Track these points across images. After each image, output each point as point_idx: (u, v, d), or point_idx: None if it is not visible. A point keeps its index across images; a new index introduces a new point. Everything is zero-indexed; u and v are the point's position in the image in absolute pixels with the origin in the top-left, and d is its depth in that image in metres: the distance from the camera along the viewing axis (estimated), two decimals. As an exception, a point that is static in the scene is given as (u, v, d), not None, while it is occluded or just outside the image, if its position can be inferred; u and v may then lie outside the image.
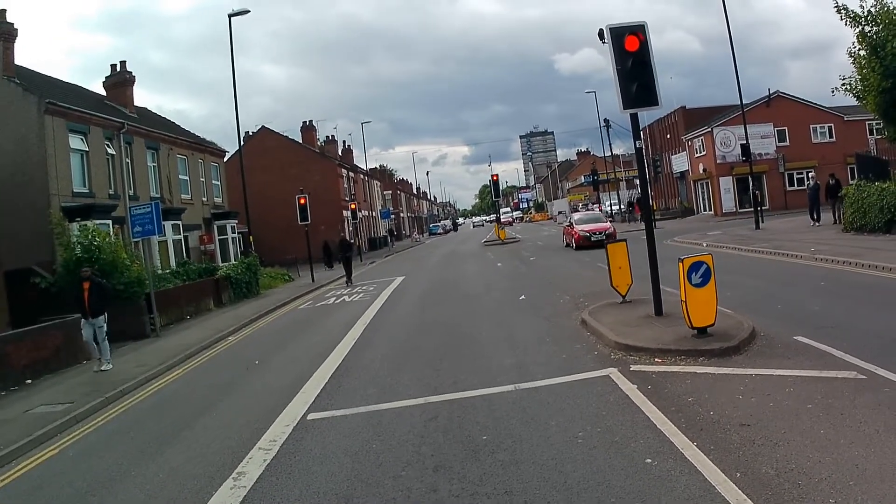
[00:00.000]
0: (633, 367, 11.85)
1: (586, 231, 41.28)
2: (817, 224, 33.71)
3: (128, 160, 35.35)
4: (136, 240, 26.62)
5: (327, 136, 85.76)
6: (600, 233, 39.83)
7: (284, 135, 74.90)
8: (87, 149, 31.49)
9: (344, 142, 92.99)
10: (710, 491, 6.89)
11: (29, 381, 17.15)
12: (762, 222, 40.36)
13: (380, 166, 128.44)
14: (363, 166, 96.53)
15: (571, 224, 44.74)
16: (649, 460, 7.84)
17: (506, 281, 28.91)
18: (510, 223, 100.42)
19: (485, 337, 16.68)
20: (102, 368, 18.55)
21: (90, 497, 9.46)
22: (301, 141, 77.17)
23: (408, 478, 8.39)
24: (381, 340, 18.19)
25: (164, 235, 35.83)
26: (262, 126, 74.40)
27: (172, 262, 36.17)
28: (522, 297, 22.75)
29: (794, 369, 10.54)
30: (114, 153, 33.97)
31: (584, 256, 35.23)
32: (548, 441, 8.99)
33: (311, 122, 79.88)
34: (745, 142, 44.34)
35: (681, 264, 12.51)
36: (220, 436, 11.57)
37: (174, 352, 20.72)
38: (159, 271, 32.64)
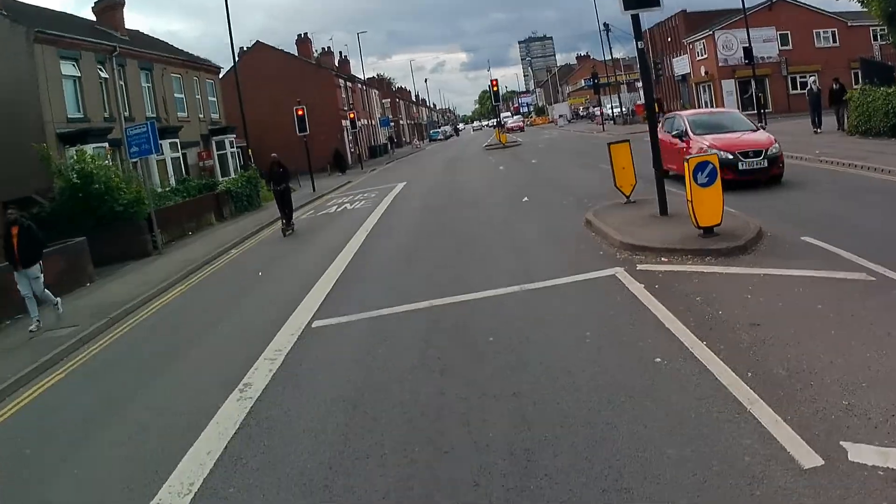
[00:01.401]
0: (639, 267, 11.73)
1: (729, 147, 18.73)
2: (818, 131, 32.52)
3: (121, 83, 34.96)
4: (133, 160, 26.26)
5: (323, 48, 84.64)
6: (756, 152, 18.52)
7: (280, 48, 73.63)
8: (79, 74, 31.15)
9: (340, 53, 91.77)
10: (721, 390, 6.81)
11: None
12: (765, 125, 39.83)
13: (377, 75, 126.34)
14: (361, 76, 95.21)
15: (687, 134, 20.43)
16: (658, 360, 7.76)
17: (508, 184, 28.65)
18: (520, 128, 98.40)
19: (489, 240, 16.58)
20: (31, 329, 15.26)
21: (98, 418, 9.43)
22: (297, 54, 75.89)
23: (414, 382, 8.35)
24: (383, 246, 18.16)
25: (163, 154, 35.58)
26: (257, 41, 73.08)
27: (172, 181, 35.92)
28: (525, 199, 22.53)
29: (803, 269, 10.35)
30: (107, 77, 33.57)
31: (585, 159, 34.94)
32: (555, 342, 8.93)
33: (306, 34, 78.29)
34: (747, 45, 43.52)
35: (686, 164, 12.29)
36: (226, 349, 11.58)
37: (177, 268, 20.62)
38: (159, 190, 32.43)
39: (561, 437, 6.44)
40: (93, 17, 39.45)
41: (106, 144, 29.82)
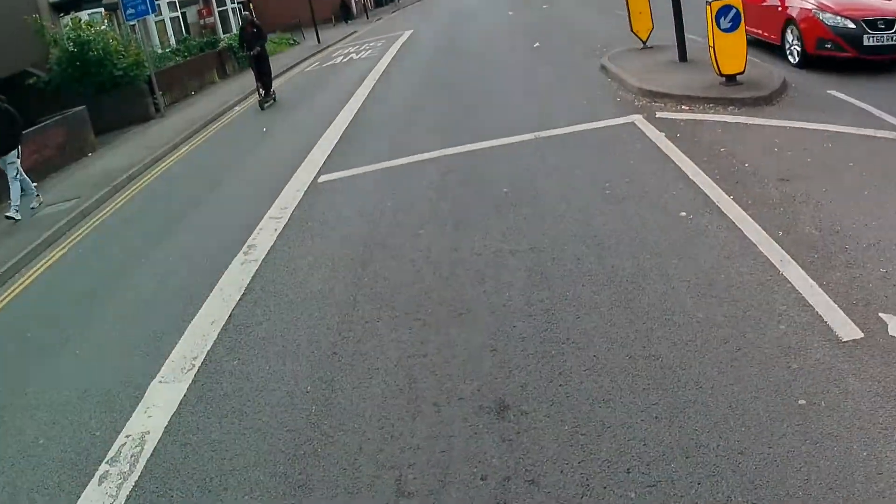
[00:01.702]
0: (658, 115, 11.13)
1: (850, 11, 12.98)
2: None
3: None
4: (130, 23, 25.25)
5: None
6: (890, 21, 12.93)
7: None
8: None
9: None
10: (751, 249, 6.41)
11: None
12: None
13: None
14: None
15: None
16: (683, 213, 7.34)
17: (519, 30, 27.30)
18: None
19: (500, 87, 15.81)
20: (7, 214, 13.89)
21: (99, 293, 9.19)
22: None
23: (427, 236, 8.03)
24: (391, 96, 17.51)
25: (161, 14, 34.39)
26: None
27: (172, 41, 34.88)
28: (537, 44, 21.47)
29: (831, 124, 9.60)
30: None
31: (601, 3, 33.58)
32: (573, 193, 8.49)
33: None
34: None
35: (708, 7, 11.43)
36: (229, 210, 11.28)
37: (180, 129, 20.10)
38: (159, 51, 31.50)
39: (583, 297, 6.08)
40: None
41: (102, 9, 28.40)
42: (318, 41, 40.28)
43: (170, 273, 9.11)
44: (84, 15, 26.32)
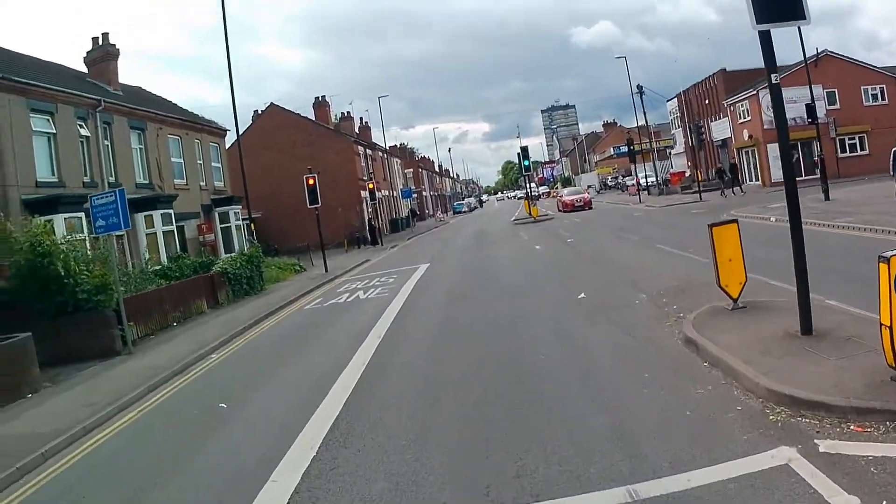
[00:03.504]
0: (821, 445, 6.94)
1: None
2: None
3: (107, 142, 30.85)
4: (99, 235, 21.72)
5: (342, 113, 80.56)
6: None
7: (296, 113, 69.53)
8: (53, 131, 27.00)
9: (361, 118, 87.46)
10: None
11: None
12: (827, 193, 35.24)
13: (400, 144, 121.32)
14: (382, 144, 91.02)
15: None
16: None
17: (552, 270, 23.78)
18: (585, 202, 78.87)
19: (547, 366, 11.50)
20: None
21: None
22: (314, 118, 71.83)
23: None
24: (395, 378, 12.61)
25: (154, 227, 31.65)
26: (271, 103, 69.07)
27: (164, 258, 31.59)
28: (582, 294, 17.57)
29: None
30: (88, 135, 29.44)
31: (633, 236, 30.27)
32: None
33: (323, 97, 73.80)
34: (808, 101, 39.17)
35: (884, 266, 7.60)
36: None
37: (139, 380, 16.04)
38: (146, 268, 28.20)
39: None
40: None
41: (83, 214, 25.15)
42: (326, 269, 36.94)
43: None
44: (60, 219, 23.65)
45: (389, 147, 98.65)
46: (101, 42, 35.78)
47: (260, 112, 68.91)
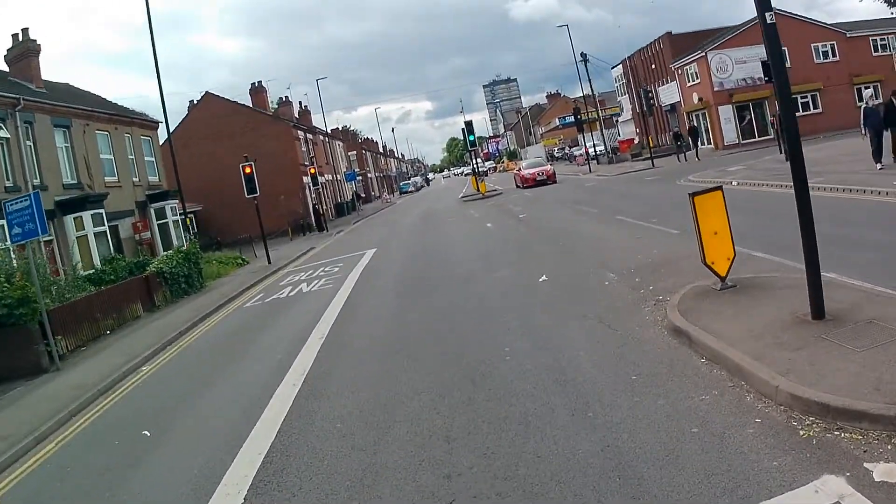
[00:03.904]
0: (876, 472, 5.46)
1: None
2: (882, 166, 22.50)
3: (29, 143, 28.91)
4: (15, 244, 19.71)
5: (281, 98, 78.19)
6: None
7: (232, 100, 67.11)
8: (-32, 134, 24.97)
9: (300, 103, 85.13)
10: None
11: None
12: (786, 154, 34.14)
13: (342, 127, 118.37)
14: (324, 128, 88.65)
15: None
16: None
17: (507, 249, 22.16)
18: (548, 175, 71.47)
19: (516, 370, 9.72)
20: None
21: None
22: (252, 105, 69.47)
23: None
24: (337, 394, 10.69)
25: (84, 228, 29.90)
26: (206, 92, 66.60)
27: (97, 260, 29.60)
28: (544, 277, 15.93)
29: None
30: (8, 136, 27.44)
31: (591, 209, 28.74)
32: None
33: (259, 83, 71.38)
34: (762, 59, 37.75)
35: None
36: None
37: (62, 403, 14.32)
38: (76, 273, 26.37)
39: None
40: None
41: (4, 222, 23.22)
42: (269, 261, 35.10)
43: None
44: None
45: (331, 130, 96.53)
46: (20, 38, 33.74)
47: (195, 102, 66.43)
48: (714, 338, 8.63)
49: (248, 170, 35.18)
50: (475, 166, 71.03)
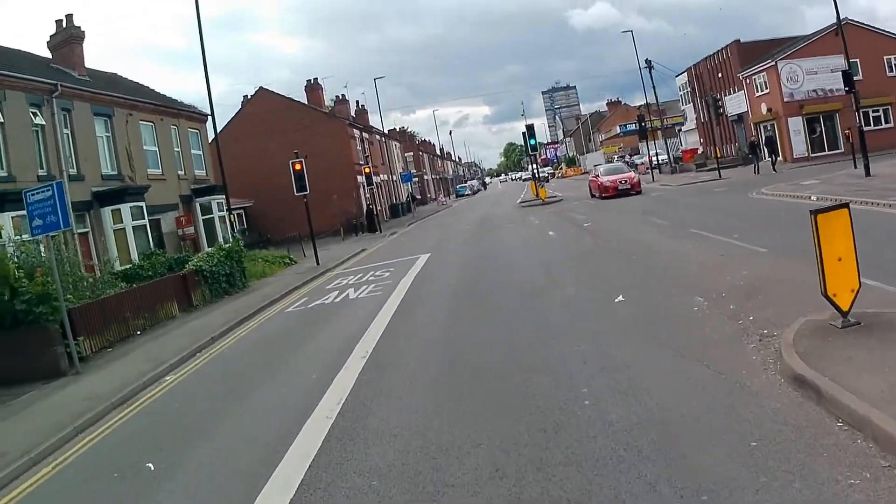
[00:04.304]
0: None
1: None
2: None
3: (66, 131, 27.78)
4: (37, 236, 18.29)
5: (337, 96, 76.94)
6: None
7: (287, 96, 65.97)
8: (1, 120, 24.08)
9: (357, 102, 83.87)
10: None
11: None
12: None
13: (400, 128, 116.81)
14: (380, 127, 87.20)
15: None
16: None
17: (572, 262, 20.22)
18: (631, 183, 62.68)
19: (595, 418, 7.79)
20: None
21: None
22: (307, 102, 68.23)
23: None
24: (380, 420, 9.20)
25: (122, 221, 28.87)
26: (261, 87, 65.59)
27: (134, 255, 28.30)
28: (620, 297, 13.92)
29: None
30: (43, 123, 26.35)
31: (658, 220, 26.77)
32: None
33: (315, 80, 70.01)
34: (839, 69, 35.78)
35: None
36: None
37: (70, 416, 12.87)
38: (109, 268, 25.14)
39: None
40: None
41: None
42: (317, 262, 33.62)
43: None
44: (6, 218, 21.45)
45: (388, 131, 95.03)
46: (64, 25, 32.79)
47: (249, 97, 65.43)
48: (854, 396, 6.65)
49: (297, 167, 33.72)
50: (535, 171, 68.67)
